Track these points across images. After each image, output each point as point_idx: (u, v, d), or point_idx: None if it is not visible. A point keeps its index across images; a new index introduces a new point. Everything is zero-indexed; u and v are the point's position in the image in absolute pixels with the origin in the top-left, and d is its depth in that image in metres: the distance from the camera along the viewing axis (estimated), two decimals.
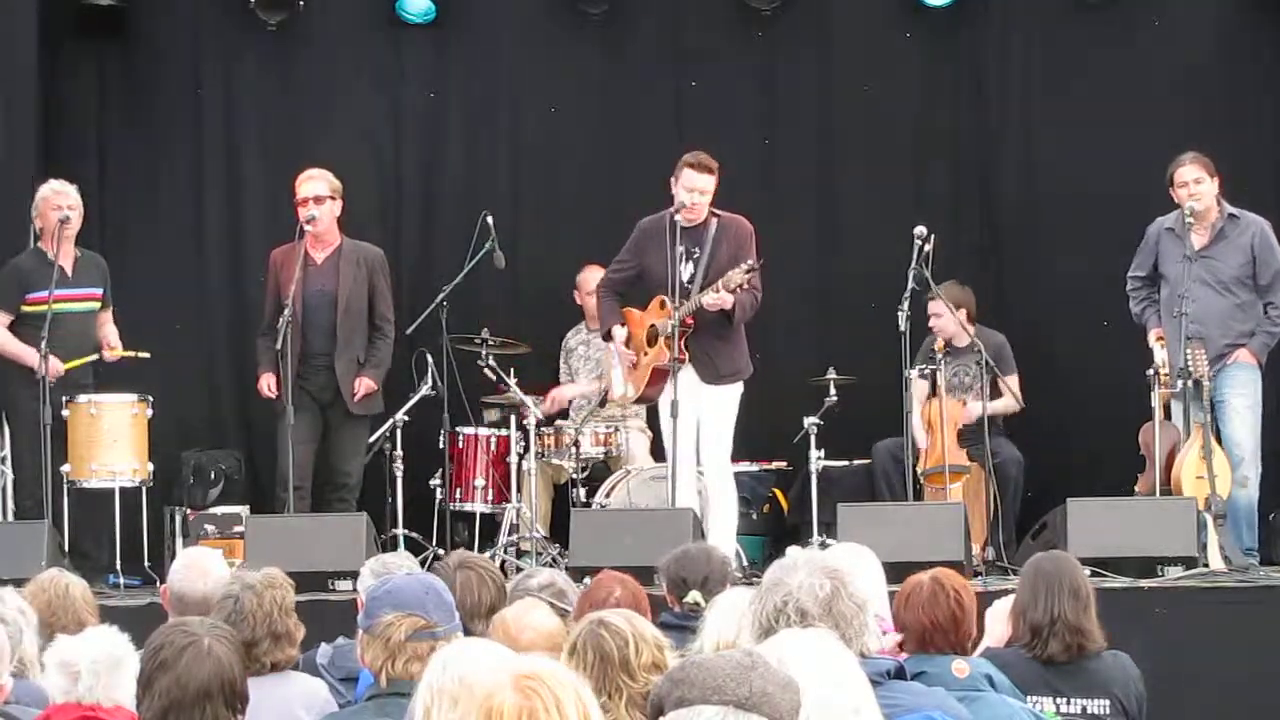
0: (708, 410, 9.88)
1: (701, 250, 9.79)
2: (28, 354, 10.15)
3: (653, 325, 9.94)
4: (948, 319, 10.78)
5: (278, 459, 10.42)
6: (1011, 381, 10.87)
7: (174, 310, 12.00)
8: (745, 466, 10.94)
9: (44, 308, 10.16)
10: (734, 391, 9.91)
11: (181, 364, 11.71)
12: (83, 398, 10.16)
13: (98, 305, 10.50)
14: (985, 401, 10.68)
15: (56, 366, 10.08)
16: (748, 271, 9.58)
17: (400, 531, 10.64)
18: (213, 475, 11.40)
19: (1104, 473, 10.88)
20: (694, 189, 9.75)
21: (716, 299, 9.63)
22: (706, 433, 9.90)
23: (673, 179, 9.84)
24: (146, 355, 10.50)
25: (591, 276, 11.42)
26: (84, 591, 6.21)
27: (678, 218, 9.77)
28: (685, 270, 9.81)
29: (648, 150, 11.75)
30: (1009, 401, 10.91)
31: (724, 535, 9.83)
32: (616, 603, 5.41)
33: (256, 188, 12.12)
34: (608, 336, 10.21)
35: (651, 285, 9.94)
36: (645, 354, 10.00)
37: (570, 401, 11.52)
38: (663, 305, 9.82)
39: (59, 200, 10.35)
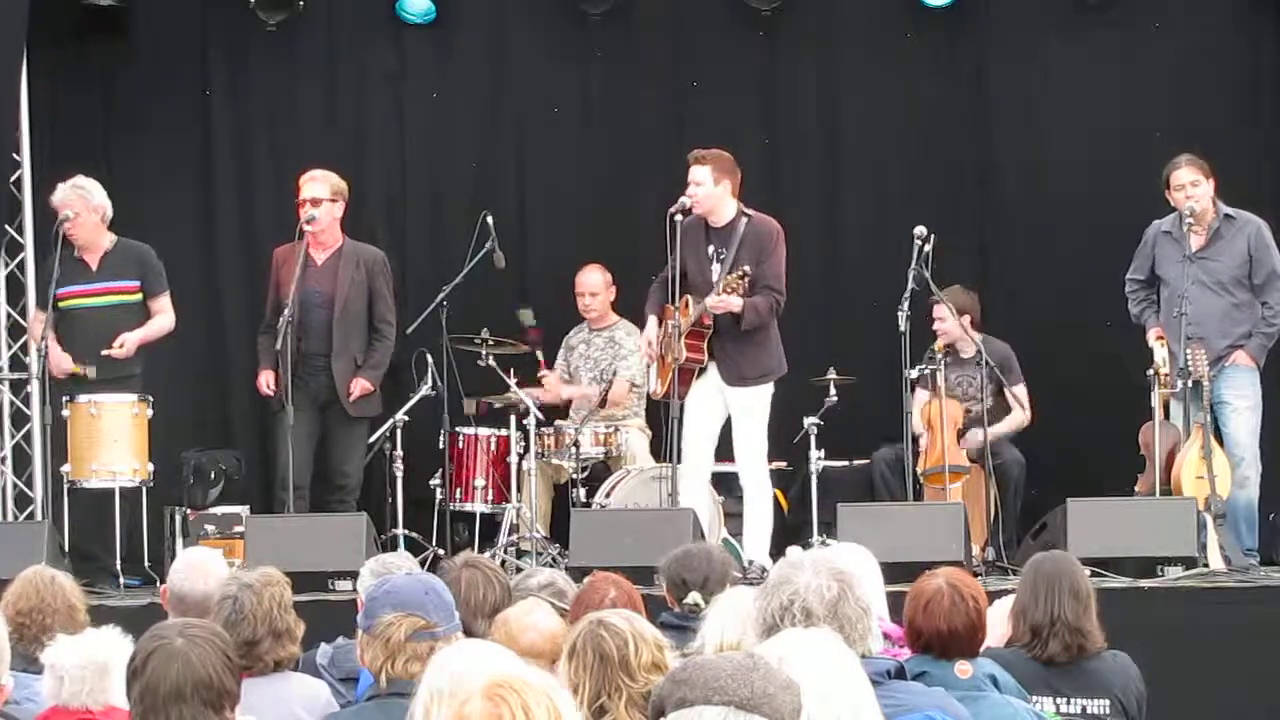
0: (736, 412, 9.88)
1: (728, 251, 9.81)
2: (52, 356, 10.22)
3: (671, 321, 9.97)
4: (951, 323, 10.78)
5: (277, 459, 10.42)
6: (1019, 391, 10.87)
7: (175, 310, 11.98)
8: None
9: (69, 304, 10.26)
10: (761, 394, 9.89)
11: (182, 364, 11.70)
12: (83, 397, 10.16)
13: (134, 297, 10.50)
14: (985, 412, 10.66)
15: (62, 362, 10.13)
16: (740, 278, 9.60)
17: (400, 531, 10.64)
18: (213, 475, 11.39)
19: (1104, 473, 10.88)
20: (689, 183, 9.81)
21: (718, 301, 9.65)
22: (738, 435, 9.91)
23: None
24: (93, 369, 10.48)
25: (589, 278, 11.41)
26: (70, 580, 6.26)
27: (677, 217, 9.79)
28: (714, 270, 9.84)
29: (648, 150, 11.77)
30: (1016, 416, 10.91)
31: (756, 542, 9.83)
32: (612, 604, 5.40)
33: (258, 188, 12.13)
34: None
35: (686, 285, 9.94)
36: (672, 350, 10.01)
37: (570, 400, 11.52)
38: (688, 306, 9.85)
39: (63, 201, 10.39)
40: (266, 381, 10.46)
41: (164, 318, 10.57)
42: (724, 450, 10.07)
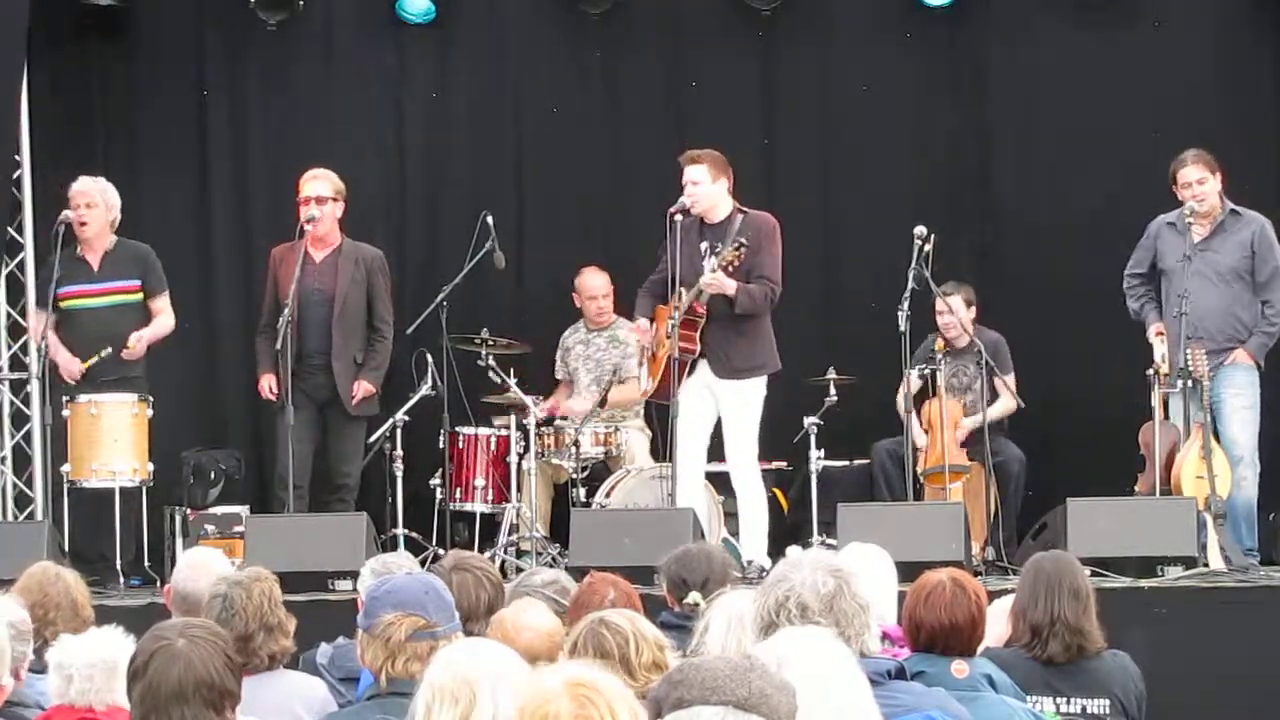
0: (726, 407, 9.86)
1: (723, 245, 9.80)
2: (61, 359, 10.27)
3: (670, 319, 9.97)
4: (959, 313, 10.78)
5: (277, 459, 10.42)
6: (1009, 381, 10.88)
7: (175, 309, 11.98)
8: None
9: (71, 304, 10.32)
10: (753, 387, 9.86)
11: (182, 364, 11.70)
12: (83, 397, 10.16)
13: (135, 296, 10.51)
14: (984, 405, 10.68)
15: (71, 366, 10.16)
16: (737, 249, 9.60)
17: (400, 531, 10.64)
18: (213, 475, 11.39)
19: (1104, 473, 10.87)
20: (685, 182, 9.83)
21: (712, 278, 9.64)
22: (727, 432, 9.88)
23: None
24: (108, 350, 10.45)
25: (590, 280, 11.40)
26: (75, 577, 6.28)
27: (676, 217, 9.79)
28: (708, 265, 9.82)
29: (648, 150, 11.76)
30: (1007, 403, 10.92)
31: (752, 540, 9.82)
32: (612, 604, 5.40)
33: (257, 188, 12.13)
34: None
35: (678, 284, 9.94)
36: (663, 347, 10.01)
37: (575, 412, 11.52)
38: (679, 299, 9.84)
39: (76, 200, 10.49)
40: (269, 385, 10.46)
41: (165, 317, 10.59)
42: (717, 451, 10.06)
